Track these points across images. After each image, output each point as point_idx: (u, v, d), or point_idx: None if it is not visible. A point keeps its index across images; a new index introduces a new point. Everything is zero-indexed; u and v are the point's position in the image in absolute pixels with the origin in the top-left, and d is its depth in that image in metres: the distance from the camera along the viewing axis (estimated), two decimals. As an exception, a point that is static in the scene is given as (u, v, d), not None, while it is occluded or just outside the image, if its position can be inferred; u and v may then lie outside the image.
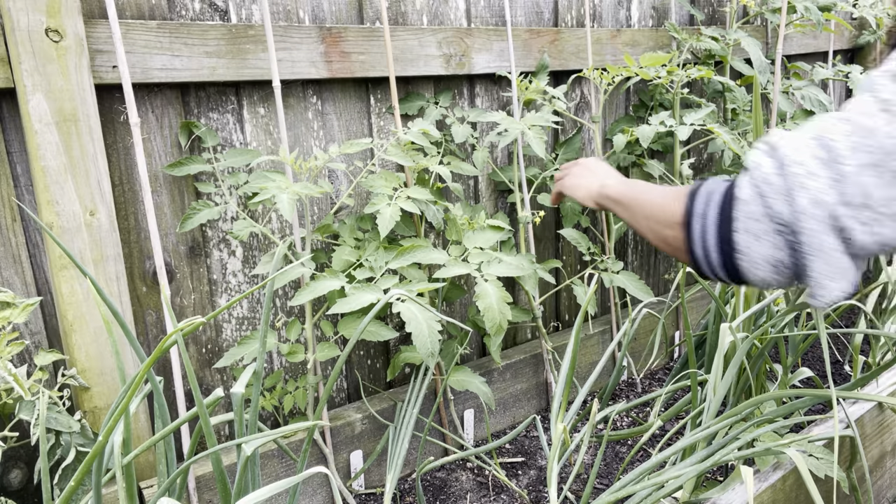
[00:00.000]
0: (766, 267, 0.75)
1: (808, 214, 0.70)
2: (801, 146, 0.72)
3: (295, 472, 1.36)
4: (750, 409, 1.13)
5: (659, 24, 2.16)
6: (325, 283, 1.28)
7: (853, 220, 0.69)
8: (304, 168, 1.30)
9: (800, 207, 0.71)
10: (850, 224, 0.69)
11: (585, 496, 1.25)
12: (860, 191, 0.68)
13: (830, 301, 0.72)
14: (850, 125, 0.70)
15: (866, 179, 0.68)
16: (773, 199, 0.73)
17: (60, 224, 1.16)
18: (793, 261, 0.73)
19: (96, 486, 0.87)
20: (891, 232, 0.68)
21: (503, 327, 1.40)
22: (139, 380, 0.75)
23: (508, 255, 1.67)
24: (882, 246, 0.70)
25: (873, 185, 0.67)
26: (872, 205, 0.68)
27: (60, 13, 1.10)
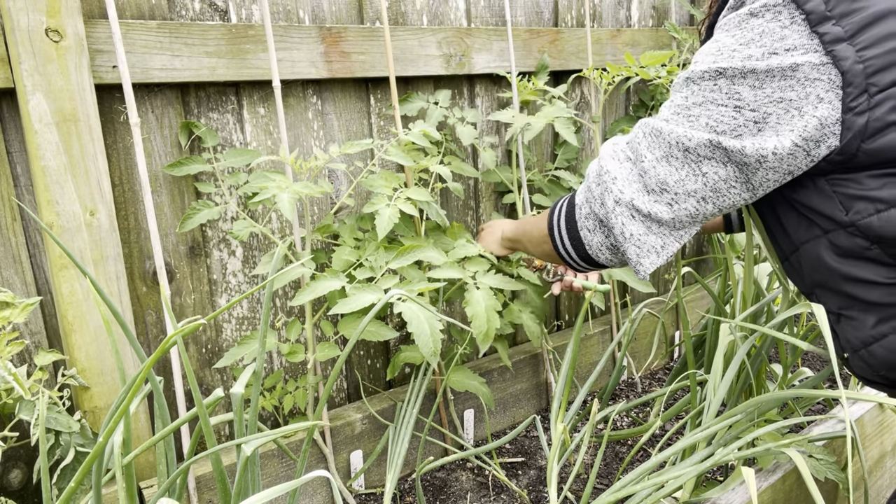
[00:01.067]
0: (605, 252, 0.97)
1: (615, 213, 0.90)
2: (618, 152, 0.93)
3: (295, 471, 1.36)
4: (750, 409, 1.13)
5: (659, 24, 2.16)
6: (326, 284, 1.28)
7: (658, 203, 0.87)
8: (304, 168, 1.30)
9: (608, 208, 0.91)
10: (655, 208, 0.87)
11: (585, 496, 1.25)
12: (658, 179, 0.86)
13: (646, 273, 0.92)
14: (649, 127, 0.88)
15: (661, 169, 0.86)
16: (594, 203, 0.94)
17: (60, 224, 1.16)
18: (615, 246, 0.94)
19: (96, 487, 0.87)
20: (692, 206, 0.86)
21: (491, 335, 1.40)
22: (140, 380, 0.75)
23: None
24: (693, 217, 0.88)
25: (666, 172, 0.85)
26: (669, 189, 0.86)
27: (60, 13, 1.10)
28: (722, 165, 0.81)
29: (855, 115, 0.74)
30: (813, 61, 0.75)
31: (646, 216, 0.88)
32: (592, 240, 0.97)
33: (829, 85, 0.75)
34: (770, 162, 0.79)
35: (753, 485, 0.90)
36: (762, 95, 0.77)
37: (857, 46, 0.74)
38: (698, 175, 0.83)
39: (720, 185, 0.83)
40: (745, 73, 0.77)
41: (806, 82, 0.75)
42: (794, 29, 0.76)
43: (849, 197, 0.79)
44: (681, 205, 0.86)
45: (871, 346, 0.85)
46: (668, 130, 0.84)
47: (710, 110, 0.80)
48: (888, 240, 0.78)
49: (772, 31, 0.77)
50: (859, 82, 0.74)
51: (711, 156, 0.81)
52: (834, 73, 0.74)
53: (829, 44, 0.74)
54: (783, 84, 0.76)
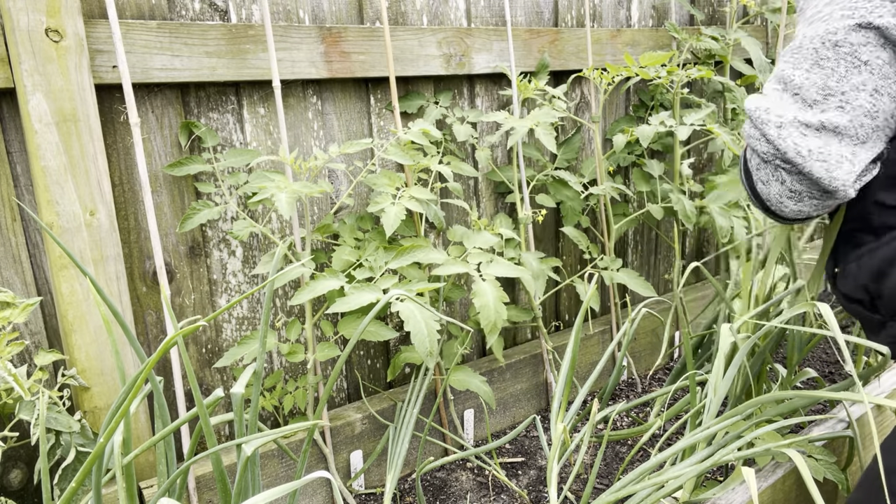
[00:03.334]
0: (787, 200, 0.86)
1: (781, 137, 0.81)
2: (763, 93, 0.87)
3: (295, 471, 1.36)
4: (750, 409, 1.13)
5: (659, 23, 2.16)
6: (325, 283, 1.28)
7: (827, 111, 0.78)
8: (303, 168, 1.30)
9: (773, 136, 0.82)
10: (828, 116, 0.78)
11: (585, 496, 1.25)
12: (817, 87, 0.79)
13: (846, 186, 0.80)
14: (787, 54, 0.83)
15: (816, 77, 0.79)
16: (758, 146, 0.86)
17: (60, 224, 1.16)
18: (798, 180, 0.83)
19: (96, 487, 0.87)
20: (867, 101, 0.77)
21: (499, 326, 1.40)
22: (140, 381, 0.75)
23: (513, 252, 1.67)
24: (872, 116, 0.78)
25: (823, 76, 0.78)
26: (834, 91, 0.78)
27: (60, 13, 1.10)
28: (881, 48, 0.74)
29: None
30: None
31: (819, 128, 0.79)
32: (770, 192, 0.87)
33: None
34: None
35: (754, 485, 0.90)
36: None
37: None
38: (859, 65, 0.76)
39: (887, 71, 0.75)
40: None
41: None
42: None
43: None
44: (853, 103, 0.77)
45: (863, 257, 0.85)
46: (808, 37, 0.79)
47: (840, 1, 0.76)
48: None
49: None
50: None
51: (866, 40, 0.75)
52: None
53: None
54: None
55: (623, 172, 2.15)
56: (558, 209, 1.98)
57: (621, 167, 2.12)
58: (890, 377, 1.48)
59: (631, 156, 2.04)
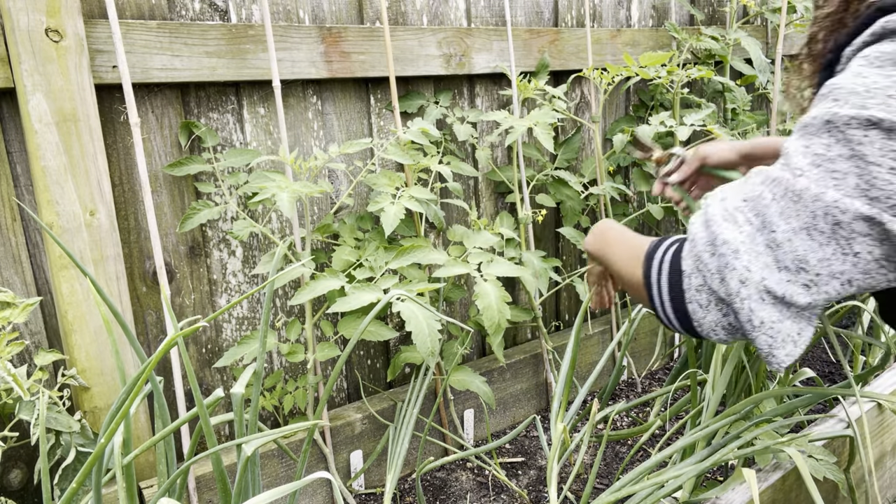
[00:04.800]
0: (721, 331, 0.77)
1: (740, 296, 0.71)
2: (734, 212, 0.73)
3: (295, 471, 1.36)
4: (749, 407, 1.13)
5: (659, 24, 2.16)
6: (325, 283, 1.28)
7: (793, 284, 0.69)
8: (303, 168, 1.30)
9: (732, 289, 0.71)
10: (790, 290, 0.69)
11: (585, 496, 1.25)
12: (795, 255, 0.68)
13: (781, 366, 0.73)
14: (781, 186, 0.69)
15: (800, 244, 0.67)
16: (710, 278, 0.74)
17: (60, 224, 1.16)
18: (740, 328, 0.74)
19: (96, 487, 0.87)
20: (835, 290, 0.68)
21: (502, 326, 1.40)
22: (141, 382, 0.75)
23: (514, 251, 1.68)
24: (829, 300, 0.70)
25: (806, 248, 0.67)
26: (809, 268, 0.68)
27: (60, 13, 1.10)
28: (878, 244, 0.65)
29: None
30: None
31: (778, 299, 0.70)
32: (705, 318, 0.77)
33: None
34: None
35: (755, 485, 0.90)
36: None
37: None
38: (848, 255, 0.66)
39: (871, 267, 0.67)
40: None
41: None
42: None
43: None
44: (821, 287, 0.68)
45: None
46: (813, 195, 0.66)
47: (861, 168, 0.64)
48: None
49: None
50: None
51: (868, 232, 0.64)
52: None
53: None
54: None
55: (623, 172, 2.15)
56: (558, 209, 1.98)
57: (621, 167, 2.12)
58: (890, 377, 1.48)
59: (631, 156, 2.04)
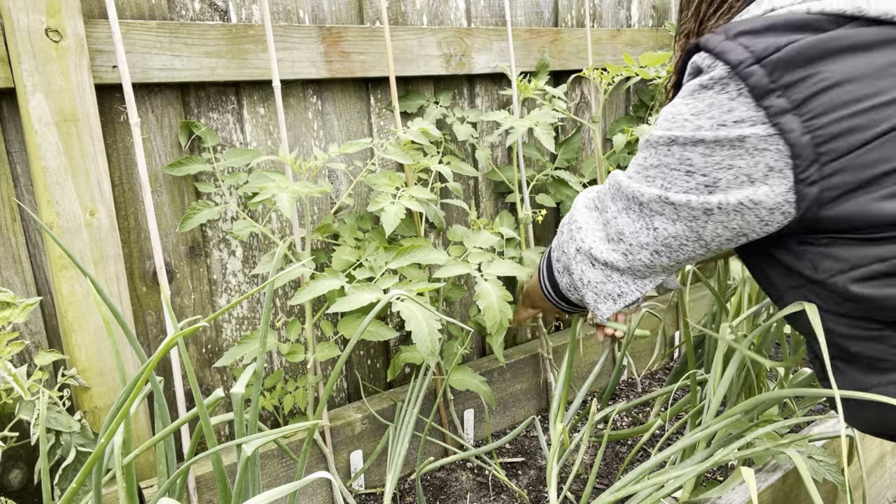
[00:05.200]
0: (572, 292, 1.05)
1: (575, 259, 0.99)
2: (590, 200, 1.00)
3: (295, 471, 1.36)
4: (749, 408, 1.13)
5: (659, 23, 2.16)
6: (325, 283, 1.28)
7: (615, 252, 0.93)
8: (303, 168, 1.30)
9: (570, 255, 1.00)
10: (612, 257, 0.93)
11: (585, 496, 1.25)
12: (617, 229, 0.92)
13: (604, 317, 1.00)
14: (614, 180, 0.93)
15: (621, 220, 0.91)
16: (562, 248, 1.03)
17: (60, 224, 1.16)
18: (576, 290, 1.03)
19: (96, 487, 0.87)
20: (647, 258, 0.91)
21: (504, 326, 1.40)
22: (141, 382, 0.75)
23: (514, 251, 1.68)
24: (649, 268, 0.93)
25: (624, 223, 0.90)
26: (625, 239, 0.91)
27: (60, 13, 1.10)
28: (671, 223, 0.85)
29: (807, 185, 0.74)
30: (759, 133, 0.74)
31: (604, 264, 0.95)
32: (562, 280, 1.05)
33: (779, 155, 0.74)
34: (716, 215, 0.80)
35: (754, 485, 0.90)
36: (712, 162, 0.78)
37: (803, 116, 0.73)
38: (650, 229, 0.87)
39: (671, 241, 0.87)
40: (696, 142, 0.79)
41: (755, 152, 0.75)
42: (740, 101, 0.75)
43: (817, 255, 0.80)
44: (635, 255, 0.91)
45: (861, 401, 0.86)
46: (626, 185, 0.89)
47: (665, 173, 0.83)
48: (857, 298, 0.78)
49: (720, 104, 0.77)
50: (808, 153, 0.73)
51: (662, 211, 0.85)
52: (782, 144, 0.74)
53: (775, 116, 0.73)
54: (732, 153, 0.76)
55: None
56: (558, 209, 1.98)
57: (621, 167, 2.12)
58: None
59: (631, 155, 2.04)
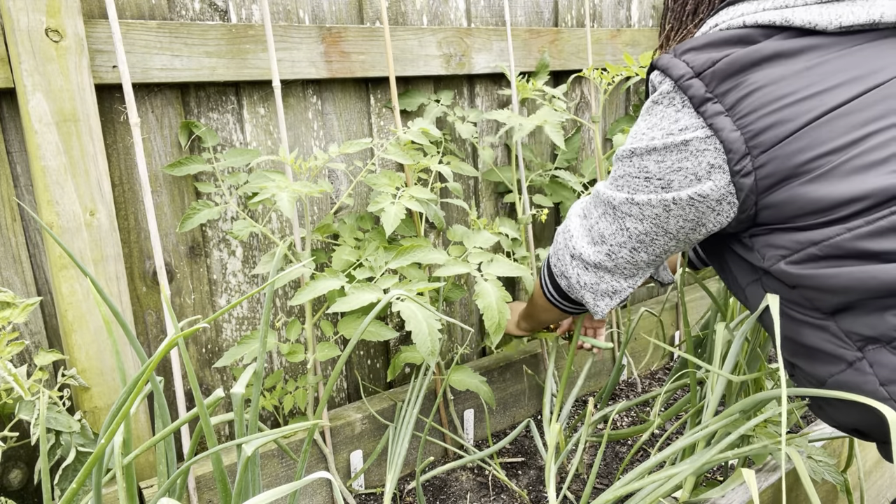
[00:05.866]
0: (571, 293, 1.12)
1: (571, 265, 1.08)
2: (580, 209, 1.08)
3: (295, 471, 1.36)
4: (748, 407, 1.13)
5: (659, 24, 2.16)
6: (325, 283, 1.28)
7: (600, 254, 1.03)
8: (303, 168, 1.30)
9: (566, 262, 1.10)
10: (599, 258, 1.03)
11: (585, 496, 1.25)
12: (599, 233, 1.02)
13: (603, 314, 1.10)
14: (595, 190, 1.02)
15: (601, 224, 1.01)
16: (558, 254, 1.12)
17: (60, 224, 1.16)
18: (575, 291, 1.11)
19: (96, 487, 0.87)
20: (627, 254, 1.00)
21: (503, 326, 1.40)
22: (141, 382, 0.75)
23: (516, 250, 1.68)
24: (633, 264, 1.02)
25: (603, 226, 1.01)
26: (606, 240, 1.01)
27: (60, 13, 1.10)
28: (639, 221, 0.95)
29: (742, 177, 0.83)
30: (699, 135, 0.84)
31: (595, 266, 1.04)
32: (562, 283, 1.14)
33: (717, 153, 0.84)
34: (674, 210, 0.90)
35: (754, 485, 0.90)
36: (664, 167, 0.88)
37: (734, 117, 0.82)
38: (624, 229, 0.97)
39: (643, 237, 0.96)
40: (650, 151, 0.89)
41: (697, 153, 0.85)
42: (685, 112, 0.85)
43: (763, 245, 0.87)
44: (617, 254, 1.01)
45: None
46: (602, 192, 1.00)
47: (629, 181, 0.94)
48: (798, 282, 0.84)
49: (669, 115, 0.87)
50: (738, 147, 0.82)
51: (630, 212, 0.95)
52: (718, 143, 0.83)
53: (710, 118, 0.83)
54: (679, 156, 0.86)
55: (623, 172, 2.15)
56: (558, 209, 1.98)
57: (621, 167, 2.12)
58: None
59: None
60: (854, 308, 0.81)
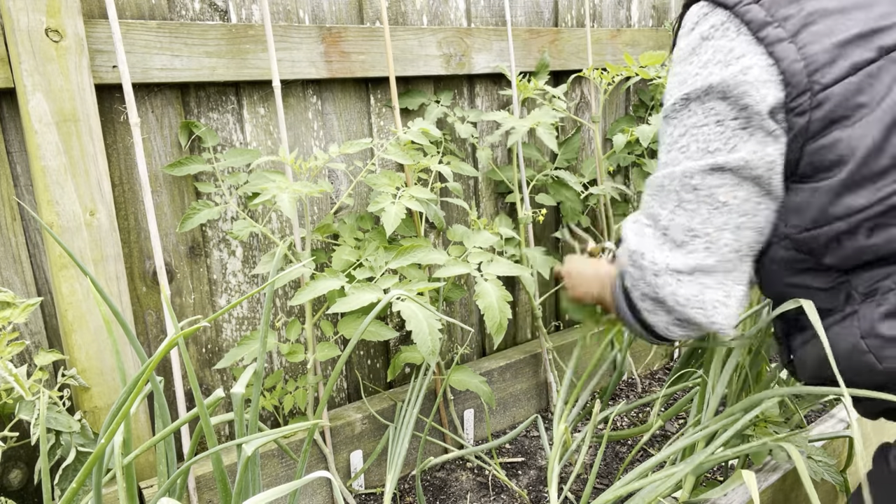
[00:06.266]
0: (675, 329, 0.87)
1: (659, 286, 0.84)
2: (638, 225, 0.88)
3: (295, 471, 1.36)
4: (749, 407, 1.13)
5: (659, 23, 2.16)
6: (325, 283, 1.28)
7: (695, 252, 0.80)
8: (304, 168, 1.30)
9: (653, 283, 0.84)
10: (694, 258, 0.80)
11: (586, 496, 1.25)
12: (682, 229, 0.81)
13: (729, 328, 0.84)
14: (652, 186, 0.84)
15: (680, 219, 0.81)
16: (640, 285, 0.87)
17: (60, 224, 1.16)
18: (680, 319, 0.85)
19: (96, 487, 0.87)
20: (731, 239, 0.80)
21: (504, 326, 1.40)
22: (141, 382, 0.75)
23: (514, 251, 1.68)
24: (737, 251, 0.81)
25: (687, 218, 0.80)
26: (699, 232, 0.80)
27: (60, 13, 1.10)
28: (737, 187, 0.78)
29: (796, 115, 0.74)
30: (760, 63, 0.75)
31: (691, 272, 0.81)
32: (658, 321, 0.88)
33: (776, 86, 0.75)
34: (779, 166, 0.77)
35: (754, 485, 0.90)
36: (732, 103, 0.77)
37: (798, 44, 0.73)
38: (719, 206, 0.79)
39: (746, 206, 0.79)
40: (710, 90, 0.78)
41: (758, 84, 0.75)
42: (740, 40, 0.76)
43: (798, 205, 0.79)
44: (718, 243, 0.80)
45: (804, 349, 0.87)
46: (668, 177, 0.82)
47: (696, 133, 0.79)
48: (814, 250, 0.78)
49: (722, 47, 0.77)
50: (799, 80, 0.73)
51: (721, 182, 0.78)
52: (776, 72, 0.74)
53: (771, 45, 0.74)
54: (741, 91, 0.76)
55: (623, 172, 2.15)
56: (558, 209, 1.98)
57: (621, 167, 2.12)
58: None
59: (631, 156, 2.04)
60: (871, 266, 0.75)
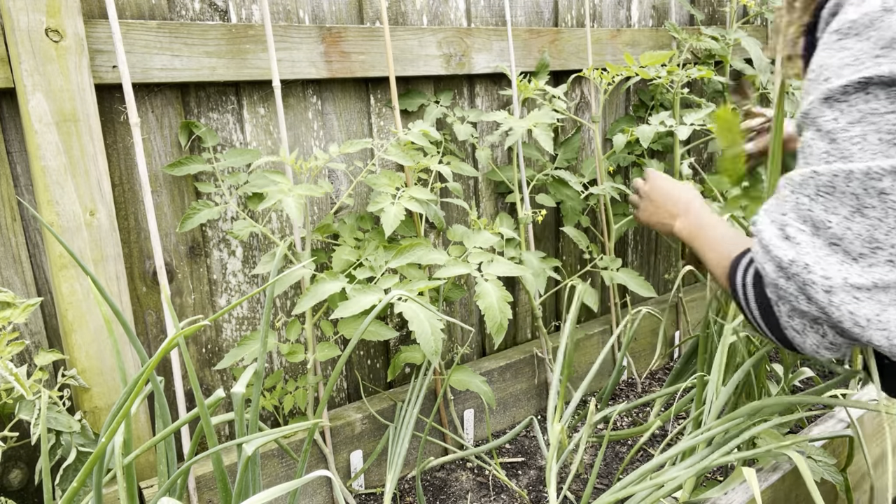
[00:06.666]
0: (825, 351, 0.76)
1: (835, 304, 0.70)
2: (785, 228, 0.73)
3: (295, 471, 1.36)
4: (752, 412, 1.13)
5: (659, 24, 2.16)
6: (327, 287, 1.28)
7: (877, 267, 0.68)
8: (304, 168, 1.30)
9: (823, 302, 0.70)
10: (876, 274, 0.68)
11: (585, 496, 1.25)
12: (862, 239, 0.68)
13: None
14: (811, 186, 0.70)
15: (858, 227, 0.67)
16: (795, 301, 0.73)
17: (60, 224, 1.16)
18: (846, 340, 0.74)
19: (97, 487, 0.87)
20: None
21: (504, 326, 1.40)
22: (142, 383, 0.75)
23: (514, 251, 1.68)
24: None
25: (867, 227, 0.67)
26: (883, 244, 0.67)
27: (60, 13, 1.10)
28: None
29: None
30: None
31: (872, 288, 0.69)
32: (805, 342, 0.78)
33: None
34: None
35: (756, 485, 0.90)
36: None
37: None
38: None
39: None
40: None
41: None
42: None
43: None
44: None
45: None
46: (844, 176, 0.68)
47: (876, 122, 0.66)
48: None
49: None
50: None
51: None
52: None
53: None
54: None
55: (623, 172, 2.15)
56: (558, 209, 1.98)
57: (621, 167, 2.12)
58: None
59: (631, 156, 2.04)
60: None
